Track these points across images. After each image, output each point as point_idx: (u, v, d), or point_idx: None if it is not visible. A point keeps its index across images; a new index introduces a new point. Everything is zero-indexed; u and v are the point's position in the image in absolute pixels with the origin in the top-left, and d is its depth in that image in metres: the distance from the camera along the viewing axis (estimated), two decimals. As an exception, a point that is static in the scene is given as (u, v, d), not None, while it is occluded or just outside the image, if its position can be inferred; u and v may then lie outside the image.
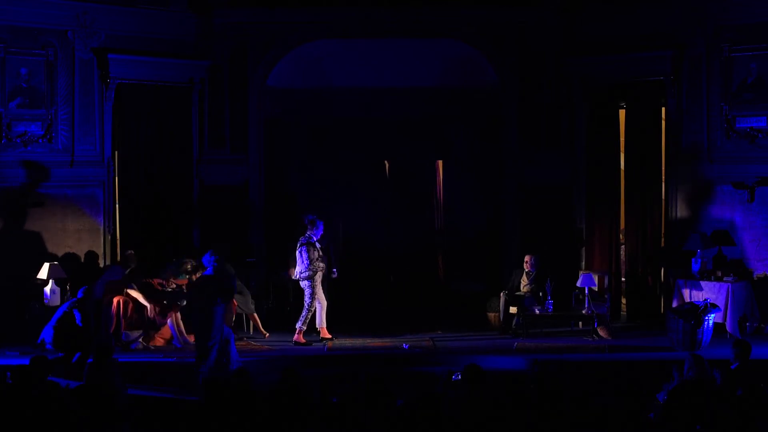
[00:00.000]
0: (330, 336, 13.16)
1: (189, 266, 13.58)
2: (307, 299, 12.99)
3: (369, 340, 13.25)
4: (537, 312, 13.40)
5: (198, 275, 13.42)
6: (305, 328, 13.03)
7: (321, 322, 13.19)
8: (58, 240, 13.73)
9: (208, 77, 14.74)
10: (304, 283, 13.03)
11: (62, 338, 11.31)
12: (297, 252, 13.04)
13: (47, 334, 11.54)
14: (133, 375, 10.96)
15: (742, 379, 9.11)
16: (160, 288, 13.13)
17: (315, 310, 13.08)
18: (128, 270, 13.22)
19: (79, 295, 11.80)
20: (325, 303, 13.18)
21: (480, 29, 14.82)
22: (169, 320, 12.97)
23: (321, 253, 13.05)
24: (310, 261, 12.88)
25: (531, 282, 13.75)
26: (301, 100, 15.76)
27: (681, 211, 14.07)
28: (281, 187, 15.65)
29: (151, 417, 8.61)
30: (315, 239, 13.03)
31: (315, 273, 12.96)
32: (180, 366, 11.79)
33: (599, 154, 14.82)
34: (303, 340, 13.00)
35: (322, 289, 13.17)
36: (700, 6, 13.71)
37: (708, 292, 13.00)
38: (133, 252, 13.50)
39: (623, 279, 15.05)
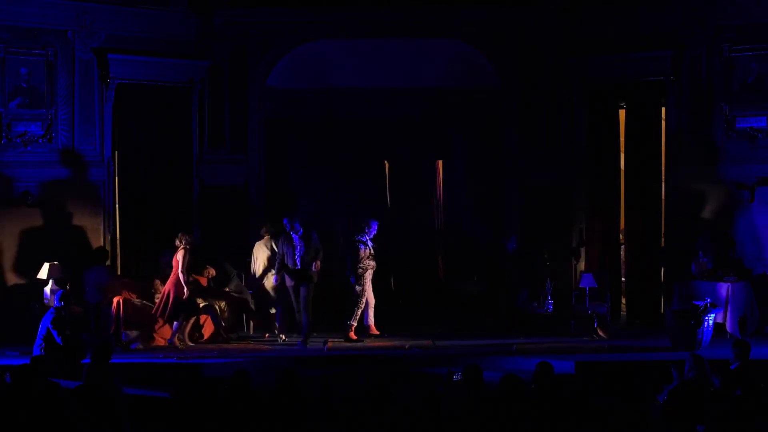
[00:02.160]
0: (378, 333, 13.39)
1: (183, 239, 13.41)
2: (356, 295, 13.27)
3: (369, 340, 13.26)
4: (537, 312, 13.40)
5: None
6: (356, 324, 13.29)
7: (369, 319, 13.43)
8: (58, 240, 13.72)
9: (208, 77, 14.74)
10: (352, 280, 13.30)
11: (51, 355, 11.18)
12: (348, 249, 13.40)
13: (37, 353, 11.38)
14: (133, 375, 10.96)
15: (743, 379, 9.11)
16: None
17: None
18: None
19: (56, 303, 11.56)
20: (373, 301, 13.43)
21: (480, 29, 14.81)
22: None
23: (372, 252, 13.28)
24: (360, 259, 13.17)
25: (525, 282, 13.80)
26: (301, 100, 15.76)
27: (681, 211, 14.06)
28: (281, 187, 15.64)
29: (151, 417, 8.59)
30: (366, 238, 13.30)
31: (365, 270, 13.23)
32: (180, 366, 11.79)
33: (599, 154, 14.82)
34: (354, 337, 13.22)
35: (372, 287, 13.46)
36: (700, 6, 13.71)
37: (708, 292, 12.99)
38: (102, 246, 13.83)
39: (623, 279, 15.05)
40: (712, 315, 12.36)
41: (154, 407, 9.18)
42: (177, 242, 12.82)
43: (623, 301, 14.98)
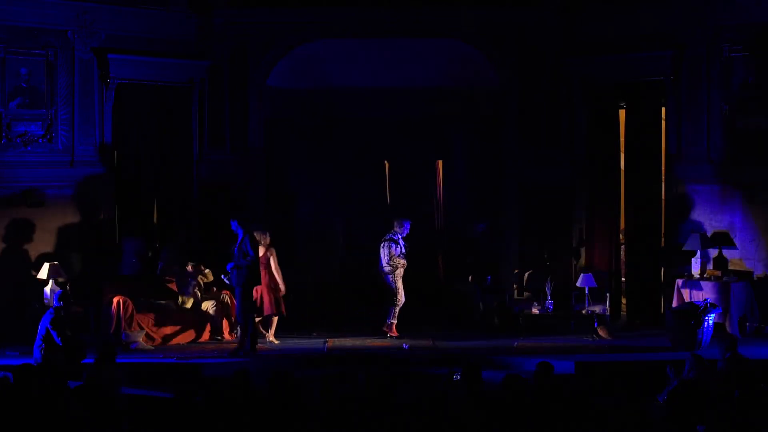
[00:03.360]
0: (398, 334, 13.34)
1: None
2: (392, 294, 13.36)
3: (369, 340, 13.26)
4: (537, 312, 13.40)
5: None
6: (396, 321, 13.38)
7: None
8: (58, 240, 13.71)
9: (208, 77, 14.73)
10: (386, 278, 13.38)
11: (51, 355, 11.14)
12: (380, 247, 13.45)
13: (36, 354, 11.38)
14: (133, 375, 10.96)
15: (738, 369, 9.14)
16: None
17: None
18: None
19: (55, 303, 11.50)
20: (402, 301, 13.43)
21: (480, 29, 14.81)
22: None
23: (403, 250, 13.38)
24: (390, 257, 13.28)
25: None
26: (301, 100, 15.77)
27: (681, 211, 14.06)
28: (281, 187, 15.64)
29: (151, 417, 8.60)
30: (397, 237, 13.40)
31: (395, 269, 13.34)
32: (180, 366, 11.79)
33: (599, 154, 14.82)
34: (396, 333, 13.32)
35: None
36: (700, 6, 13.70)
37: (708, 292, 12.98)
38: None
39: (623, 279, 15.04)
40: (712, 315, 12.36)
41: (155, 407, 9.19)
42: (258, 238, 12.91)
43: (623, 301, 14.97)
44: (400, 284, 13.41)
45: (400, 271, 13.41)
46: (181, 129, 14.74)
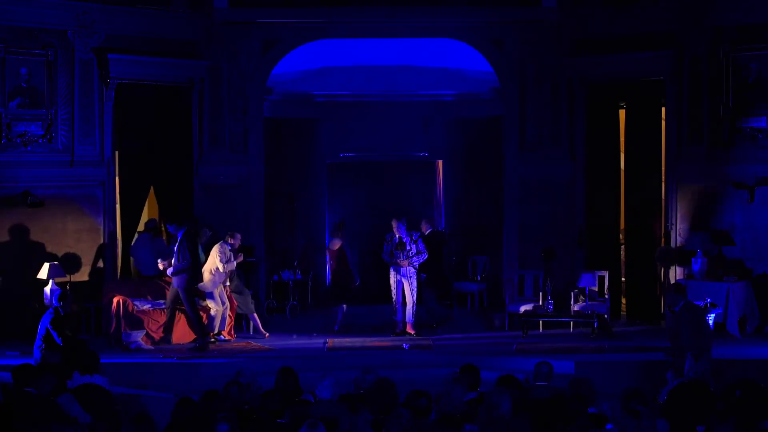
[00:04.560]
0: (397, 331, 13.37)
1: None
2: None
3: (369, 340, 13.25)
4: (537, 312, 13.41)
5: None
6: (396, 318, 13.44)
7: (400, 315, 13.45)
8: (58, 240, 13.72)
9: (208, 77, 14.73)
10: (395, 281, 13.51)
11: (51, 355, 11.12)
12: None
13: (36, 354, 11.36)
14: (133, 375, 10.95)
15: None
16: None
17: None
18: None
19: (55, 303, 11.44)
20: (408, 300, 13.38)
21: (480, 29, 14.81)
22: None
23: (394, 249, 13.34)
24: (383, 254, 13.43)
25: None
26: (300, 101, 15.78)
27: (681, 210, 14.06)
28: (281, 186, 15.65)
29: (150, 416, 8.59)
30: (389, 236, 13.39)
31: (390, 267, 13.41)
32: (180, 366, 11.79)
33: (599, 153, 14.83)
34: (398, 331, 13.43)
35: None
36: (700, 6, 13.70)
37: (708, 292, 12.97)
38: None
39: (623, 279, 15.05)
40: (712, 315, 12.35)
41: (153, 407, 9.19)
42: (336, 233, 13.87)
43: (623, 301, 14.98)
44: (392, 282, 13.40)
45: (393, 269, 13.38)
46: (181, 129, 14.74)
